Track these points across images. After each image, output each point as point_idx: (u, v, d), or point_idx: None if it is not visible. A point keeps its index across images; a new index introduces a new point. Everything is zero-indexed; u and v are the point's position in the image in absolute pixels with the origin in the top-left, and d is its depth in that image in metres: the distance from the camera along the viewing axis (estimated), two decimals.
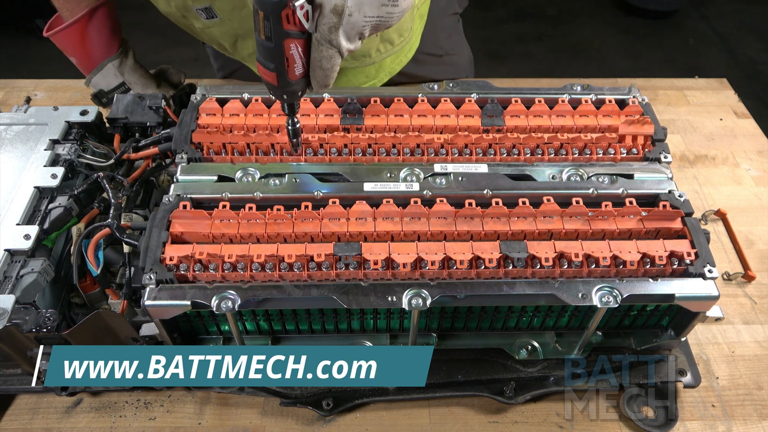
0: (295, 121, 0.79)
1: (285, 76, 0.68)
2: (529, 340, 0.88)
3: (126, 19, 1.21)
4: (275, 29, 0.63)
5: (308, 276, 0.75)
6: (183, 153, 0.87)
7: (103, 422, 0.82)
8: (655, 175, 0.87)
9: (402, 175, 0.86)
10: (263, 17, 0.62)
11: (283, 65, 0.66)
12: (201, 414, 0.83)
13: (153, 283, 0.73)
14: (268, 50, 0.65)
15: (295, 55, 0.66)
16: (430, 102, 0.93)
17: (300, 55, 0.66)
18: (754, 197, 1.15)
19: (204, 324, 0.84)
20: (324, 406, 0.81)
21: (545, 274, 0.76)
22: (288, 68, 0.67)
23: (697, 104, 1.34)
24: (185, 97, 1.02)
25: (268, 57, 0.66)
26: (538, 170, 0.87)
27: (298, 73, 0.68)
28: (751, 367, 0.90)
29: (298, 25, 0.63)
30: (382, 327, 0.86)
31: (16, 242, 0.80)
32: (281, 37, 0.63)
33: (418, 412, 0.84)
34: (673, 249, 0.76)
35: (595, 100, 0.95)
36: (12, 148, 0.92)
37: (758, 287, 1.00)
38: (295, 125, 0.79)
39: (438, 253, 0.75)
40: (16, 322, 0.72)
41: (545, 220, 0.79)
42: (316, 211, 0.79)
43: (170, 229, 0.77)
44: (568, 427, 0.83)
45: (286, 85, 0.69)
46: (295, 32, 0.64)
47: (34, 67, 2.99)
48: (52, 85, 1.33)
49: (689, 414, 0.85)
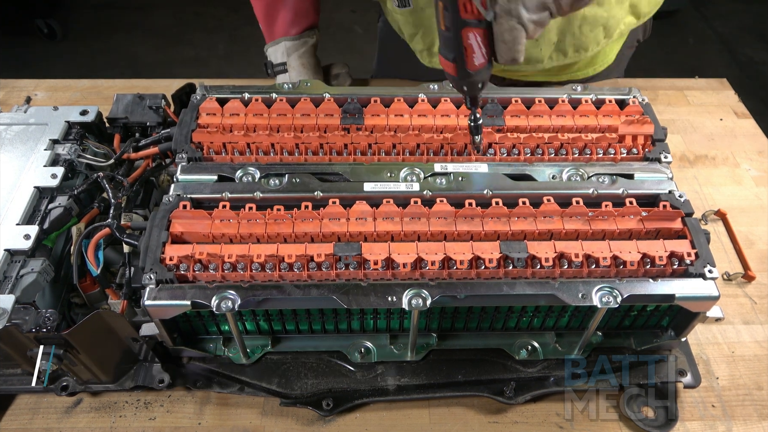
0: (477, 117, 0.78)
1: (464, 66, 0.68)
2: (529, 340, 0.88)
3: (126, 19, 1.21)
4: (454, 18, 0.64)
5: (308, 276, 0.75)
6: (183, 153, 0.87)
7: (103, 422, 0.82)
8: (655, 175, 0.87)
9: (402, 175, 0.86)
10: (443, 7, 0.64)
11: (462, 55, 0.67)
12: (201, 414, 0.83)
13: (153, 283, 0.73)
14: (448, 40, 0.67)
15: (474, 45, 0.66)
16: (430, 102, 0.93)
17: (479, 45, 0.67)
18: (754, 197, 1.15)
19: (204, 324, 0.84)
20: (324, 406, 0.81)
21: (545, 274, 0.76)
22: (467, 58, 0.67)
23: (697, 104, 1.34)
24: (185, 97, 1.02)
25: (448, 47, 0.67)
26: (538, 170, 0.87)
27: (477, 63, 0.68)
28: (751, 367, 0.90)
29: (475, 13, 0.64)
30: (382, 327, 0.86)
31: (16, 242, 0.80)
32: (459, 26, 0.65)
33: (418, 412, 0.84)
34: (673, 249, 0.76)
35: (595, 100, 0.95)
36: (12, 148, 0.92)
37: (758, 287, 1.00)
38: (477, 121, 0.79)
39: (438, 253, 0.75)
40: (16, 322, 0.72)
41: (545, 220, 0.79)
42: (316, 211, 0.79)
43: (170, 229, 0.77)
44: (568, 427, 0.83)
45: (465, 76, 0.69)
46: (472, 21, 0.64)
47: (34, 67, 3.00)
48: (52, 85, 1.33)
49: (689, 414, 0.85)
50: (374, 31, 1.46)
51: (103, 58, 3.08)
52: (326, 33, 3.48)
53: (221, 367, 0.85)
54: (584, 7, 0.68)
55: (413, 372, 0.85)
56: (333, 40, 3.21)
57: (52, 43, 3.15)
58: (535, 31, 0.66)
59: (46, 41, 3.15)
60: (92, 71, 2.97)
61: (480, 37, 0.66)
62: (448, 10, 0.64)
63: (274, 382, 0.84)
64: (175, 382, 0.83)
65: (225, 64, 3.12)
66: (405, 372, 0.85)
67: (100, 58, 3.09)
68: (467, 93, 0.74)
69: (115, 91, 1.09)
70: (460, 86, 0.72)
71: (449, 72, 0.70)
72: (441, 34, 0.67)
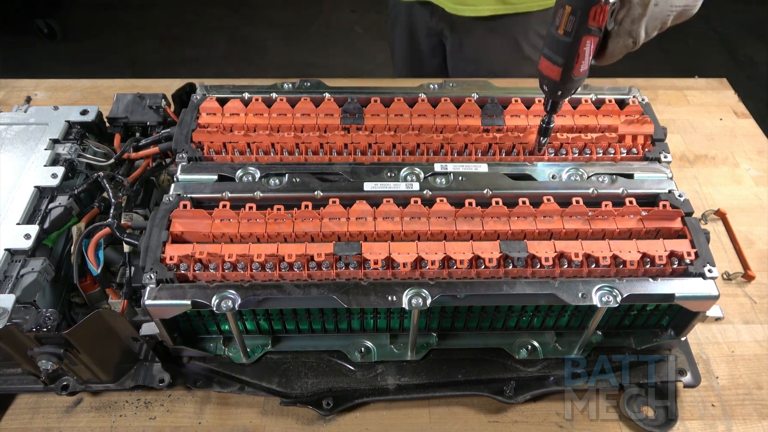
0: (551, 120, 0.79)
1: (570, 72, 0.68)
2: (529, 340, 0.88)
3: (126, 19, 1.21)
4: (579, 25, 0.63)
5: (308, 275, 0.76)
6: (183, 152, 0.87)
7: (103, 422, 0.82)
8: (655, 174, 0.87)
9: (402, 175, 0.86)
10: (569, 12, 0.62)
11: (572, 61, 0.67)
12: (201, 414, 0.83)
13: (153, 283, 0.73)
14: (563, 45, 0.65)
15: (586, 52, 0.66)
16: (430, 102, 0.93)
17: (590, 53, 0.67)
18: (754, 197, 1.15)
19: (204, 323, 0.84)
20: (324, 405, 0.81)
21: (545, 273, 0.76)
22: (575, 64, 0.67)
23: (697, 104, 1.34)
24: (185, 97, 1.02)
25: (559, 52, 0.66)
26: (538, 170, 0.88)
27: (581, 70, 0.68)
28: (751, 366, 0.90)
29: (601, 22, 0.63)
30: (382, 326, 0.86)
31: (17, 242, 0.80)
32: (582, 33, 0.64)
33: (418, 411, 0.84)
34: (673, 249, 0.76)
35: (595, 99, 0.95)
36: (12, 147, 0.93)
37: (758, 287, 1.00)
38: (549, 124, 0.80)
39: (438, 253, 0.75)
40: (16, 321, 0.72)
41: (545, 220, 0.79)
42: (316, 211, 0.79)
43: (170, 228, 0.77)
44: (568, 427, 0.83)
45: (567, 81, 0.69)
46: (595, 29, 0.64)
47: (34, 67, 3.00)
48: (52, 85, 1.33)
49: (689, 414, 0.85)
50: (374, 31, 1.47)
51: (103, 58, 3.08)
52: (326, 33, 3.49)
53: (221, 366, 0.85)
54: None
55: (413, 371, 0.85)
56: (333, 40, 3.21)
57: (52, 43, 3.15)
58: (637, 48, 0.69)
59: (46, 41, 3.15)
60: (92, 71, 2.96)
61: (594, 45, 0.66)
62: (575, 15, 0.63)
63: (275, 381, 0.84)
64: (176, 382, 0.83)
65: (225, 64, 3.12)
66: (405, 371, 0.85)
67: (100, 58, 3.08)
68: (559, 98, 0.73)
69: (115, 91, 1.09)
70: (557, 90, 0.71)
71: (550, 76, 0.69)
72: (555, 38, 0.66)
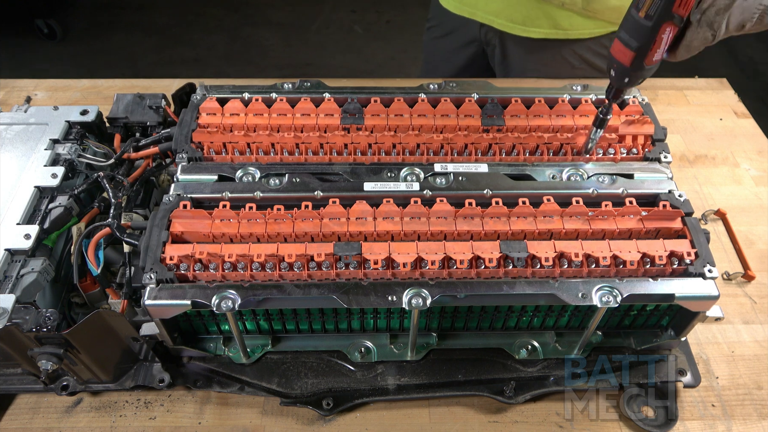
0: (610, 110, 0.78)
1: (643, 59, 0.67)
2: (529, 340, 0.88)
3: (126, 19, 1.21)
4: (663, 10, 0.62)
5: (308, 275, 0.76)
6: (183, 152, 0.87)
7: (103, 422, 0.82)
8: (655, 175, 0.87)
9: (402, 175, 0.86)
10: None
11: (647, 47, 0.65)
12: (201, 413, 0.83)
13: (153, 283, 0.73)
14: (641, 29, 0.64)
15: (664, 40, 0.65)
16: (430, 102, 0.93)
17: (667, 41, 0.65)
18: (754, 197, 1.15)
19: (204, 323, 0.84)
20: (324, 405, 0.81)
21: (545, 273, 0.76)
22: (650, 51, 0.66)
23: (697, 104, 1.34)
24: (185, 97, 1.02)
25: (636, 36, 0.65)
26: (538, 170, 0.88)
27: (654, 59, 0.67)
28: (751, 366, 0.90)
29: (686, 9, 0.62)
30: (382, 326, 0.86)
31: (17, 242, 0.80)
32: (665, 18, 0.63)
33: (418, 411, 0.84)
34: (673, 249, 0.76)
35: (595, 100, 0.95)
36: (12, 147, 0.93)
37: (758, 287, 1.00)
38: (607, 115, 0.78)
39: (438, 253, 0.75)
40: (16, 321, 0.72)
41: (545, 220, 0.79)
42: (316, 211, 0.79)
43: (170, 228, 0.77)
44: (568, 427, 0.83)
45: (638, 68, 0.68)
46: (678, 17, 0.63)
47: (34, 67, 3.00)
48: (52, 85, 1.33)
49: (689, 414, 0.85)
50: (374, 31, 1.48)
51: (103, 58, 3.08)
52: (326, 33, 3.49)
53: (221, 366, 0.85)
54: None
55: (413, 371, 0.85)
56: (333, 40, 3.21)
57: (52, 43, 3.15)
58: (713, 44, 0.67)
59: (46, 41, 3.15)
60: (92, 71, 2.97)
61: (672, 34, 0.64)
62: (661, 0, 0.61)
63: (274, 381, 0.84)
64: (176, 382, 0.83)
65: (225, 64, 3.12)
66: (405, 371, 0.85)
67: (100, 58, 3.08)
68: (625, 85, 0.72)
69: (115, 91, 1.09)
70: (624, 77, 0.69)
71: (621, 60, 0.67)
72: (635, 20, 0.64)
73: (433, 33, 1.47)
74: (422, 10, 1.48)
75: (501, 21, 1.26)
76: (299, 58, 3.13)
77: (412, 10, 3.34)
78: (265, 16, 3.40)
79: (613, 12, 1.17)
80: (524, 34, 1.25)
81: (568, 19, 1.19)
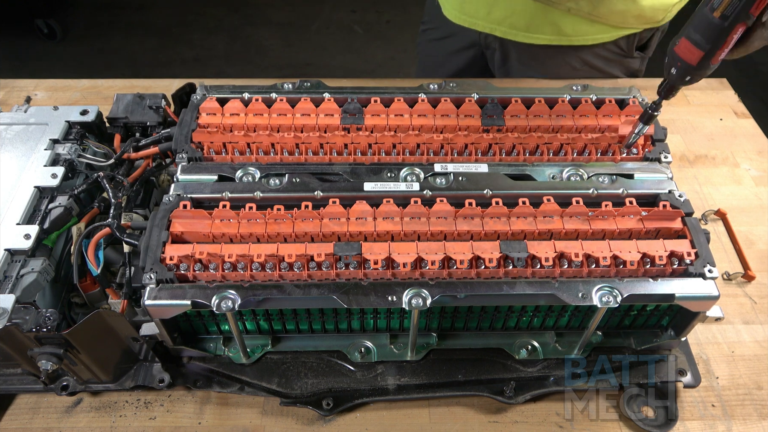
0: (659, 107, 0.77)
1: (709, 59, 0.66)
2: (529, 340, 0.88)
3: (126, 19, 1.21)
4: (741, 10, 0.61)
5: (308, 276, 0.75)
6: (183, 152, 0.87)
7: (103, 422, 0.82)
8: (655, 175, 0.87)
9: (402, 175, 0.86)
10: None
11: (717, 47, 0.65)
12: (201, 414, 0.83)
13: (153, 283, 0.73)
14: (715, 29, 0.63)
15: (734, 40, 0.64)
16: (430, 102, 0.93)
17: (734, 41, 0.65)
18: (754, 197, 1.15)
19: (204, 324, 0.84)
20: (324, 405, 0.81)
21: (545, 274, 0.76)
22: (719, 51, 0.65)
23: (697, 104, 1.34)
24: (185, 97, 1.02)
25: (708, 36, 0.64)
26: (538, 170, 0.88)
27: (720, 58, 0.66)
28: (751, 367, 0.90)
29: (758, 10, 0.61)
30: (382, 327, 0.86)
31: (17, 242, 0.80)
32: (740, 19, 0.62)
33: (418, 411, 0.84)
34: (673, 249, 0.76)
35: (595, 100, 0.95)
36: (12, 147, 0.92)
37: (758, 287, 1.00)
38: (656, 111, 0.77)
39: (438, 253, 0.75)
40: (16, 321, 0.72)
41: (545, 220, 0.79)
42: (316, 211, 0.79)
43: (170, 228, 0.77)
44: (568, 427, 0.83)
45: (703, 67, 0.67)
46: (752, 18, 0.62)
47: (34, 67, 3.00)
48: (52, 85, 1.33)
49: (689, 414, 0.85)
50: (374, 31, 1.47)
51: (103, 58, 3.08)
52: (326, 33, 3.49)
53: (221, 366, 0.85)
54: None
55: (413, 372, 0.85)
56: (333, 40, 3.21)
57: (52, 43, 3.15)
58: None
59: (46, 41, 3.15)
60: (92, 71, 2.97)
61: (740, 35, 0.64)
62: (740, 0, 0.61)
63: (274, 381, 0.84)
64: (176, 382, 0.83)
65: (225, 64, 3.12)
66: (405, 372, 0.85)
67: (100, 58, 3.09)
68: (685, 83, 0.71)
69: (115, 91, 1.09)
70: (686, 75, 0.69)
71: (688, 59, 0.66)
72: (708, 20, 0.63)
73: (430, 35, 1.46)
74: (422, 10, 1.48)
75: (504, 29, 1.25)
76: (299, 58, 3.13)
77: (412, 10, 3.34)
78: (265, 16, 3.40)
79: (618, 16, 1.17)
80: (527, 40, 1.24)
81: (572, 25, 1.19)
